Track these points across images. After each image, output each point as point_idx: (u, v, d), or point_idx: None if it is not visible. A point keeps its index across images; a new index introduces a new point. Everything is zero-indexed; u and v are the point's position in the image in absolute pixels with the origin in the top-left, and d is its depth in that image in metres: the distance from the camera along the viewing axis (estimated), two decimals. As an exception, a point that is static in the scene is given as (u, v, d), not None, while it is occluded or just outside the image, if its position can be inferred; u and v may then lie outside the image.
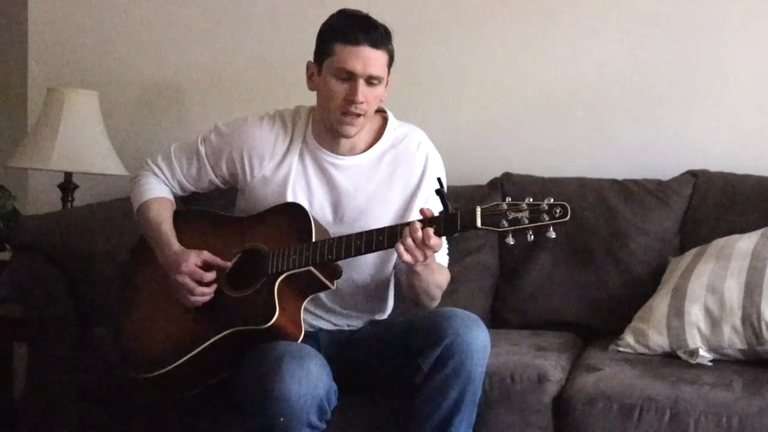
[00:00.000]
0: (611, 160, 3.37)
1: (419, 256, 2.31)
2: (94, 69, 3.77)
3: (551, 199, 2.25)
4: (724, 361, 2.70)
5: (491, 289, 3.19)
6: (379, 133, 2.58)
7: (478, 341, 2.34)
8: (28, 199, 3.83)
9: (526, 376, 2.56)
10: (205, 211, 2.68)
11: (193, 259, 2.45)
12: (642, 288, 2.99)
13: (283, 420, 2.23)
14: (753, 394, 2.48)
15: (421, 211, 2.34)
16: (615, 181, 3.21)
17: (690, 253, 2.92)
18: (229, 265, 2.48)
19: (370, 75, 2.44)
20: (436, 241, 2.29)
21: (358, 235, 2.37)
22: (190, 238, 2.54)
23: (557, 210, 2.22)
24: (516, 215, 2.24)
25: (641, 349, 2.78)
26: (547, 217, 2.23)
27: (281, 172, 2.56)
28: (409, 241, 2.29)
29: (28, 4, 3.80)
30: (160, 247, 2.53)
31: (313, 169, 2.56)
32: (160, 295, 2.54)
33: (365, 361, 2.49)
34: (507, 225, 2.24)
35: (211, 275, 2.45)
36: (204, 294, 2.44)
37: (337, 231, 2.47)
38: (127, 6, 3.78)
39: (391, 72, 2.52)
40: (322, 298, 2.53)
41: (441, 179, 2.35)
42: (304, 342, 2.39)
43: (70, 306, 2.91)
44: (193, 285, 2.44)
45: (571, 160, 3.40)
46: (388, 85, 2.52)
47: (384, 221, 2.50)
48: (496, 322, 3.13)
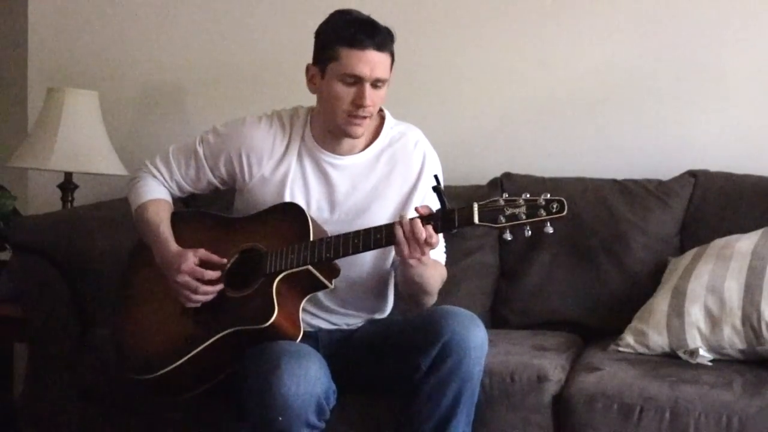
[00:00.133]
0: (611, 160, 3.37)
1: (417, 253, 2.31)
2: (94, 69, 3.77)
3: (548, 194, 2.25)
4: (724, 361, 2.70)
5: (491, 289, 3.19)
6: (376, 132, 2.58)
7: (476, 339, 2.34)
8: (28, 199, 3.83)
9: (526, 375, 2.56)
10: (202, 212, 2.68)
11: (191, 258, 2.45)
12: (642, 288, 2.99)
13: (282, 419, 2.23)
14: (753, 394, 2.48)
15: (416, 209, 2.34)
16: (615, 181, 3.21)
17: (690, 253, 2.92)
18: (225, 261, 2.47)
19: (377, 78, 2.44)
20: (435, 238, 2.30)
21: (356, 233, 2.38)
22: (188, 239, 2.54)
23: (554, 205, 2.23)
24: (513, 211, 2.24)
25: (641, 349, 2.78)
26: (544, 213, 2.23)
27: (279, 172, 2.57)
28: (408, 238, 2.30)
29: (28, 4, 3.80)
30: (158, 248, 2.53)
31: (311, 169, 2.57)
32: (158, 296, 2.54)
33: (364, 360, 2.49)
34: (504, 221, 2.25)
35: (213, 273, 2.45)
36: (207, 293, 2.44)
37: (334, 230, 2.47)
38: (127, 6, 3.78)
39: (391, 72, 2.52)
40: (320, 297, 2.53)
41: (438, 176, 2.35)
42: (302, 342, 2.39)
43: (70, 306, 2.91)
44: (195, 284, 2.43)
45: (571, 160, 3.40)
46: (388, 85, 2.53)
47: (381, 219, 2.50)
48: (496, 322, 3.13)
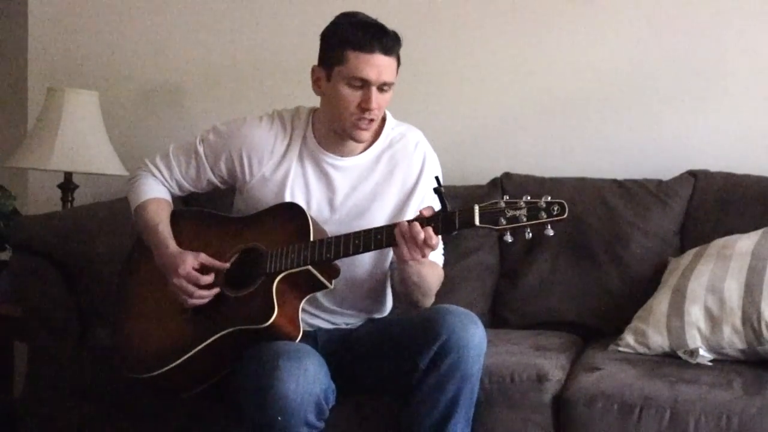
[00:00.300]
0: (611, 160, 3.37)
1: (417, 255, 2.31)
2: (94, 69, 3.77)
3: (549, 196, 2.25)
4: (724, 361, 2.70)
5: (491, 289, 3.19)
6: (377, 133, 2.58)
7: (474, 338, 2.34)
8: (28, 199, 3.83)
9: (526, 375, 2.55)
10: (202, 212, 2.68)
11: (190, 261, 2.45)
12: (642, 288, 2.99)
13: (281, 419, 2.23)
14: (753, 394, 2.48)
15: (420, 212, 2.34)
16: (615, 181, 3.21)
17: (690, 253, 2.92)
18: (227, 266, 2.47)
19: (384, 82, 2.44)
20: (435, 239, 2.30)
21: (357, 234, 2.37)
22: (188, 238, 2.54)
23: (555, 208, 2.23)
24: (514, 213, 2.25)
25: (641, 349, 2.78)
26: (545, 215, 2.23)
27: (280, 172, 2.57)
28: (407, 238, 2.30)
29: (28, 4, 3.80)
30: (157, 248, 2.53)
31: (312, 170, 2.57)
32: (158, 295, 2.54)
33: (363, 359, 2.49)
34: (505, 223, 2.25)
35: (208, 278, 2.44)
36: (202, 297, 2.44)
37: (334, 230, 2.47)
38: (127, 6, 3.78)
39: (397, 75, 2.52)
40: (319, 297, 2.53)
41: (439, 178, 2.35)
42: (301, 341, 2.39)
43: (70, 306, 2.91)
44: (191, 289, 2.43)
45: (571, 160, 3.40)
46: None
47: (381, 220, 2.51)
48: (496, 322, 3.13)
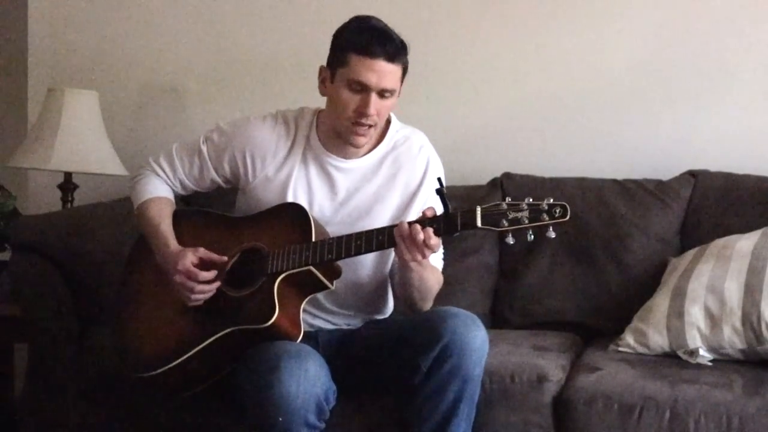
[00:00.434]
0: (611, 160, 3.37)
1: (418, 256, 2.31)
2: (94, 69, 3.77)
3: (551, 199, 2.25)
4: (724, 361, 2.70)
5: (491, 289, 3.19)
6: (381, 135, 2.58)
7: (476, 340, 2.34)
8: (28, 199, 3.83)
9: (526, 376, 2.56)
10: (204, 211, 2.68)
11: (189, 257, 2.45)
12: (642, 288, 2.99)
13: (282, 420, 2.23)
14: (753, 394, 2.48)
15: (423, 212, 2.34)
16: (615, 181, 3.21)
17: (690, 253, 2.92)
18: (225, 259, 2.47)
19: (384, 88, 2.44)
20: (435, 240, 2.30)
21: (358, 235, 2.38)
22: (190, 237, 2.54)
23: (557, 210, 2.23)
24: (516, 215, 2.25)
25: (641, 349, 2.78)
26: (547, 217, 2.23)
27: (283, 173, 2.56)
28: (406, 239, 2.30)
29: (28, 4, 3.80)
30: (159, 246, 2.53)
31: (315, 171, 2.56)
32: (159, 294, 2.54)
33: (364, 360, 2.49)
34: (507, 225, 2.25)
35: (208, 274, 2.44)
36: (204, 291, 2.44)
37: (336, 231, 2.47)
38: (127, 6, 3.78)
39: (402, 83, 2.51)
40: (320, 298, 2.53)
41: (441, 179, 2.35)
42: (302, 342, 2.39)
43: (70, 306, 2.91)
44: (191, 284, 2.43)
45: (571, 160, 3.40)
46: (399, 95, 2.52)
47: (383, 222, 2.51)
48: (496, 322, 3.13)
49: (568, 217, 2.23)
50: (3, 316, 3.23)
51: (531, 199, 2.26)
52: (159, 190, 2.63)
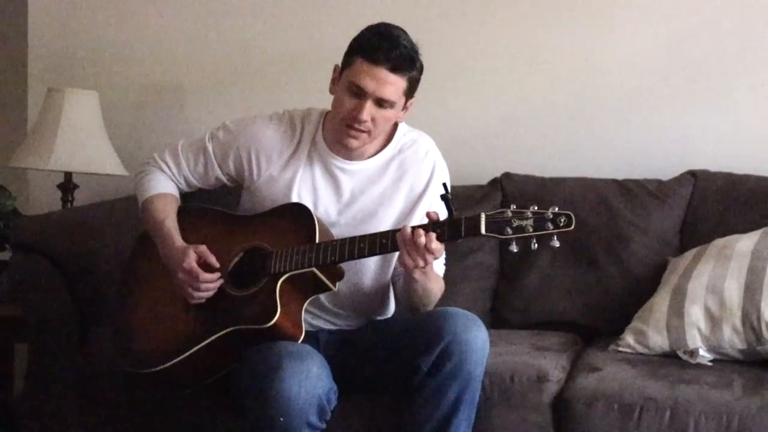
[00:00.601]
0: (611, 160, 3.37)
1: (420, 261, 2.31)
2: (94, 69, 3.76)
3: (556, 207, 2.24)
4: (724, 361, 2.70)
5: (491, 289, 3.19)
6: (388, 138, 2.58)
7: (477, 341, 2.34)
8: (28, 199, 3.83)
9: (526, 376, 2.55)
10: (209, 209, 2.67)
11: (192, 255, 2.45)
12: (642, 288, 2.98)
13: (283, 420, 2.23)
14: (753, 394, 2.48)
15: (427, 214, 2.34)
16: (615, 181, 3.21)
17: (690, 253, 2.92)
18: (217, 265, 2.46)
19: (381, 97, 2.43)
20: (438, 246, 2.29)
21: (362, 237, 2.37)
22: (194, 235, 2.54)
23: (562, 219, 2.22)
24: (520, 223, 2.24)
25: (641, 349, 2.78)
26: (551, 226, 2.22)
27: (288, 173, 2.56)
28: (408, 243, 2.29)
29: (28, 4, 3.80)
30: (163, 243, 2.53)
31: (320, 172, 2.56)
32: (161, 291, 2.54)
33: (365, 360, 2.49)
34: (511, 232, 2.24)
35: (210, 275, 2.44)
36: (208, 289, 2.44)
37: (340, 233, 2.47)
38: (127, 6, 3.78)
39: (409, 97, 2.50)
40: (322, 299, 2.53)
41: (446, 185, 2.34)
42: (303, 342, 2.39)
43: (70, 306, 2.91)
44: (194, 282, 2.43)
45: (571, 160, 3.40)
46: (407, 110, 2.51)
47: (387, 225, 2.51)
48: (496, 322, 3.12)
49: (573, 226, 2.21)
50: (3, 316, 3.23)
51: (536, 207, 2.25)
52: (164, 186, 2.62)
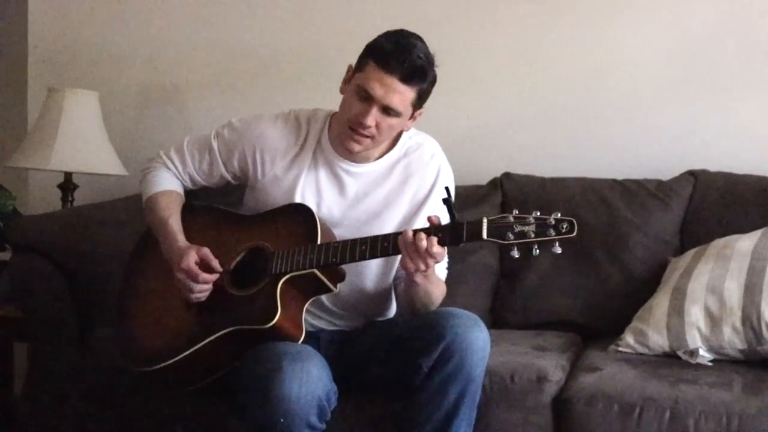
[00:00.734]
0: (611, 160, 3.37)
1: (421, 265, 2.30)
2: (94, 69, 3.77)
3: (558, 213, 2.23)
4: (724, 361, 2.70)
5: (491, 289, 3.19)
6: (393, 141, 2.57)
7: (478, 341, 2.34)
8: (28, 199, 3.83)
9: (526, 376, 2.55)
10: (212, 207, 2.66)
11: (192, 256, 2.44)
12: (642, 288, 2.99)
13: (283, 421, 2.23)
14: (753, 394, 2.48)
15: (429, 218, 2.33)
16: (615, 181, 3.21)
17: (690, 253, 2.92)
18: (220, 270, 2.46)
19: (388, 105, 2.41)
20: (439, 250, 2.29)
21: (364, 240, 2.37)
22: (197, 233, 2.53)
23: (564, 225, 2.21)
24: (522, 228, 2.23)
25: (641, 349, 2.78)
26: (553, 232, 2.21)
27: (292, 173, 2.56)
28: (409, 247, 2.29)
29: (28, 4, 3.80)
30: (166, 240, 2.52)
31: (324, 173, 2.56)
32: (164, 288, 2.53)
33: (365, 360, 2.49)
34: (513, 238, 2.23)
35: (208, 276, 2.44)
36: (202, 291, 2.44)
37: (343, 235, 2.47)
38: (127, 6, 3.78)
39: (417, 109, 2.48)
40: (323, 299, 2.52)
41: (449, 189, 2.34)
42: (304, 342, 2.38)
43: (70, 306, 2.91)
44: (191, 283, 2.43)
45: (571, 160, 3.40)
46: (414, 119, 2.50)
47: (390, 228, 2.50)
48: (496, 322, 3.13)
49: (575, 233, 2.20)
50: (3, 316, 3.23)
51: (538, 213, 2.24)
52: (169, 184, 2.62)
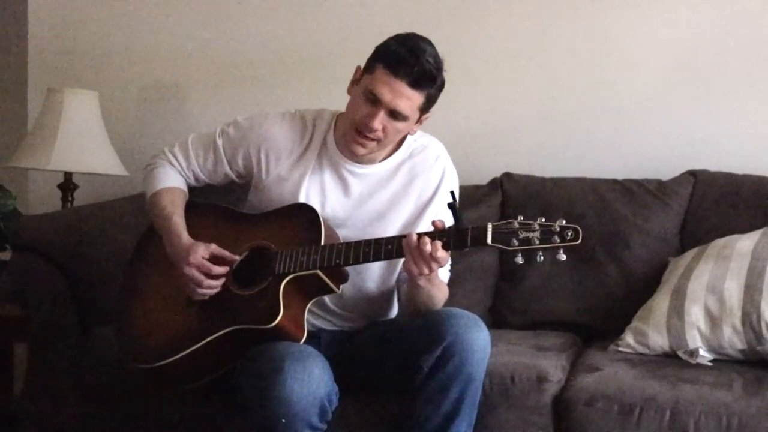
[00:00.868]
0: (611, 160, 3.37)
1: (425, 269, 2.30)
2: (94, 69, 3.77)
3: (563, 220, 2.23)
4: (724, 361, 2.70)
5: (491, 289, 3.19)
6: (399, 143, 2.57)
7: (478, 341, 2.34)
8: (28, 199, 3.83)
9: (526, 376, 2.55)
10: (216, 205, 2.66)
11: (201, 251, 2.44)
12: (642, 288, 2.99)
13: (284, 421, 2.23)
14: (753, 394, 2.48)
15: (433, 222, 2.33)
16: (615, 181, 3.21)
17: (690, 253, 2.92)
18: (237, 258, 2.46)
19: (395, 110, 2.41)
20: (443, 254, 2.29)
21: (368, 242, 2.37)
22: (201, 231, 2.53)
23: (569, 233, 2.21)
24: (527, 235, 2.23)
25: (641, 349, 2.78)
26: (558, 239, 2.21)
27: (296, 173, 2.55)
28: (414, 250, 2.29)
29: (28, 4, 3.80)
30: (170, 237, 2.51)
31: (329, 173, 2.55)
32: (166, 285, 2.53)
33: (366, 360, 2.49)
34: (517, 244, 2.23)
35: (219, 269, 2.44)
36: (211, 287, 2.43)
37: (346, 236, 2.47)
38: (126, 6, 3.78)
39: (424, 113, 2.48)
40: (325, 300, 2.52)
41: (454, 193, 2.33)
42: (305, 342, 2.38)
43: (70, 306, 2.91)
44: (201, 278, 2.43)
45: (571, 160, 3.40)
46: (420, 123, 2.50)
47: (394, 230, 2.50)
48: (496, 322, 3.12)
49: (580, 240, 2.20)
50: (3, 316, 3.23)
51: (543, 219, 2.24)
52: (173, 180, 2.61)
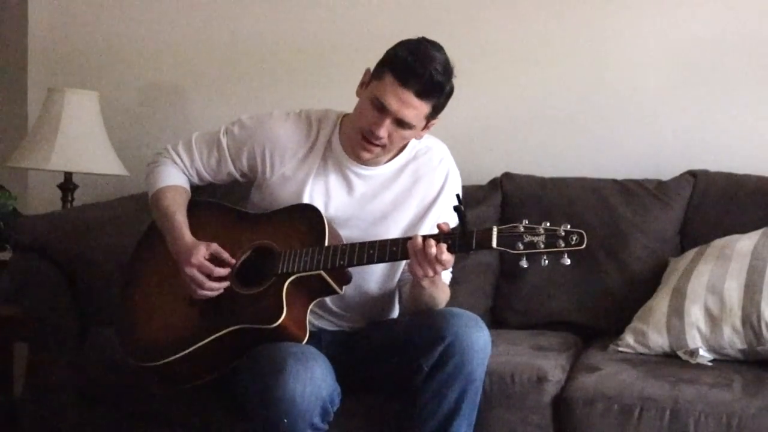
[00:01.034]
0: (611, 160, 3.37)
1: (429, 271, 2.30)
2: (94, 69, 3.77)
3: (568, 225, 2.24)
4: (724, 361, 2.71)
5: (491, 289, 3.19)
6: (403, 145, 2.56)
7: (479, 341, 2.34)
8: (28, 199, 3.83)
9: (526, 376, 2.56)
10: (219, 204, 2.65)
11: (202, 251, 2.43)
12: (642, 288, 2.99)
13: (286, 421, 2.23)
14: (753, 394, 2.49)
15: (438, 225, 2.33)
16: (615, 181, 3.21)
17: (690, 253, 2.92)
18: (233, 262, 2.46)
19: (402, 119, 2.41)
20: (448, 257, 2.29)
21: (372, 243, 2.37)
22: (203, 230, 2.52)
23: (574, 237, 2.22)
24: (532, 239, 2.24)
25: (641, 349, 2.78)
26: (563, 244, 2.22)
27: (301, 173, 2.55)
28: (419, 253, 2.29)
29: (28, 4, 3.80)
30: (172, 236, 2.51)
31: (333, 174, 2.55)
32: (168, 284, 2.52)
33: (366, 360, 2.49)
34: (522, 248, 2.24)
35: (221, 270, 2.43)
36: (213, 289, 2.43)
37: (349, 236, 2.47)
38: (127, 6, 3.78)
39: (430, 121, 2.48)
40: (327, 301, 2.52)
41: (459, 195, 2.33)
42: (306, 342, 2.38)
43: (70, 306, 2.91)
44: (202, 279, 2.42)
45: (571, 160, 3.40)
46: (427, 129, 2.50)
47: (397, 231, 2.50)
48: (496, 322, 3.12)
49: (585, 245, 2.21)
50: (3, 316, 3.23)
51: (548, 224, 2.25)
52: (175, 179, 2.60)
